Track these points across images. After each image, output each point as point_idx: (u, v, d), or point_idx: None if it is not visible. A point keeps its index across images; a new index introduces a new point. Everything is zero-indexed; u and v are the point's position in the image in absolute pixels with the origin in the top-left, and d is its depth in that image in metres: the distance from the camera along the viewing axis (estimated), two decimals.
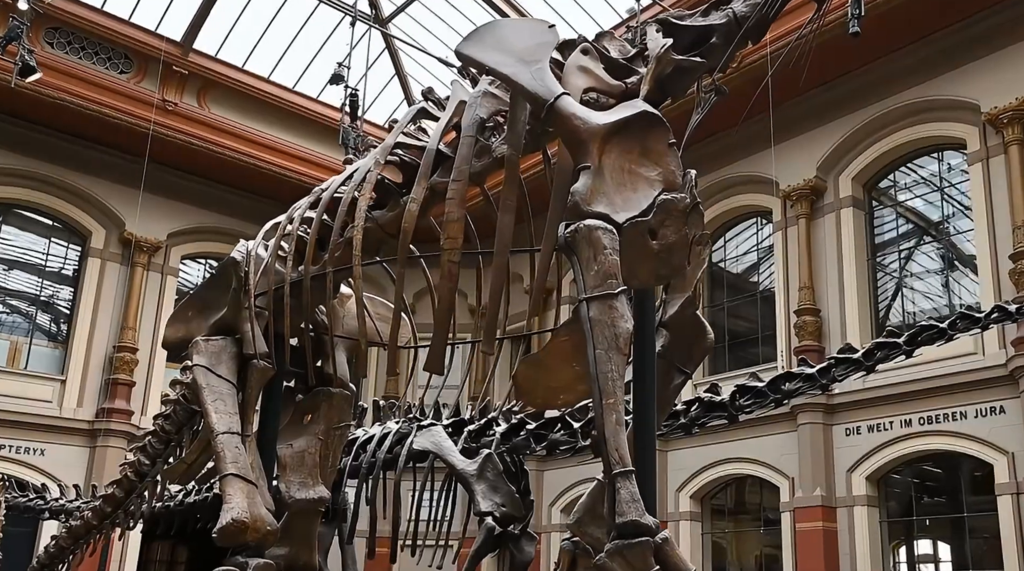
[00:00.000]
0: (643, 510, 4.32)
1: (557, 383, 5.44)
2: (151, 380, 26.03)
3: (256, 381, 6.73)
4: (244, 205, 27.12)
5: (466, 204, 5.64)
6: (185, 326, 7.21)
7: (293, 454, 7.04)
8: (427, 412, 10.63)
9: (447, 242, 5.48)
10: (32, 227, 26.08)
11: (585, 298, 4.65)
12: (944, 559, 20.19)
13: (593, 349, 4.55)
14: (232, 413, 6.44)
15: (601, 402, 4.47)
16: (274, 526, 6.09)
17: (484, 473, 9.24)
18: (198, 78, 26.03)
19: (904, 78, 20.08)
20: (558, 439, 9.85)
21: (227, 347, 6.81)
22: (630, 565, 4.25)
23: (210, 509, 12.40)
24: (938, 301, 20.21)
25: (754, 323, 23.32)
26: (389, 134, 6.37)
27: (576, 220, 4.75)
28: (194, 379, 6.58)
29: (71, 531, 11.21)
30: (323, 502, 7.07)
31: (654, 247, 4.94)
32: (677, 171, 5.07)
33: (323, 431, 7.22)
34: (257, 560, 6.00)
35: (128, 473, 9.57)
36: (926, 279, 20.64)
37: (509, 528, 9.14)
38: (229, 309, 6.92)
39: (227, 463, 6.11)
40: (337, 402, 7.31)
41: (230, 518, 5.84)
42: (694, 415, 9.26)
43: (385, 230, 6.46)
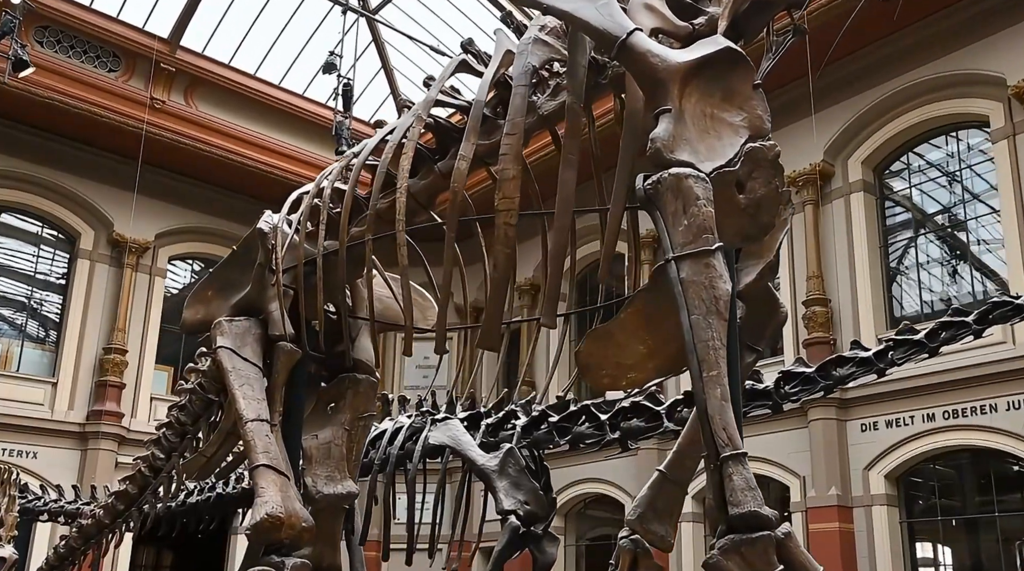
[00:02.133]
0: (761, 499, 3.73)
1: (628, 359, 4.90)
2: (141, 382, 25.76)
3: (283, 365, 6.17)
4: (232, 205, 26.70)
5: (522, 160, 5.07)
6: (205, 307, 6.63)
7: (319, 445, 6.50)
8: (440, 405, 10.17)
9: (502, 202, 4.91)
10: (21, 229, 25.68)
11: (674, 257, 4.10)
12: (970, 563, 19.43)
13: (688, 315, 3.98)
14: (260, 399, 5.88)
15: (701, 375, 3.89)
16: (309, 523, 5.51)
17: (506, 469, 8.73)
18: (185, 76, 25.63)
19: (919, 53, 19.35)
20: (583, 432, 9.34)
21: (252, 328, 6.26)
22: (749, 564, 3.67)
23: (213, 509, 11.85)
24: (958, 289, 19.57)
25: None
26: (431, 88, 5.77)
27: (657, 170, 4.21)
28: (219, 361, 6.01)
29: (82, 531, 10.60)
30: (351, 497, 6.54)
31: (741, 202, 4.42)
32: (764, 116, 4.56)
33: (349, 421, 6.68)
34: (294, 560, 5.42)
35: (142, 468, 8.95)
36: (943, 267, 19.99)
37: (532, 528, 8.63)
38: (253, 287, 6.35)
39: (258, 453, 5.54)
40: (364, 389, 6.78)
41: (264, 513, 5.27)
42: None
43: (416, 199, 5.90)
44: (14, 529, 12.88)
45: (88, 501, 13.83)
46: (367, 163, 6.12)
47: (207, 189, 27.00)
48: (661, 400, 9.00)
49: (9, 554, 12.07)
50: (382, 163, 5.72)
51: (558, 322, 5.41)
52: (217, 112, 26.04)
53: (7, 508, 12.98)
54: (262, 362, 6.15)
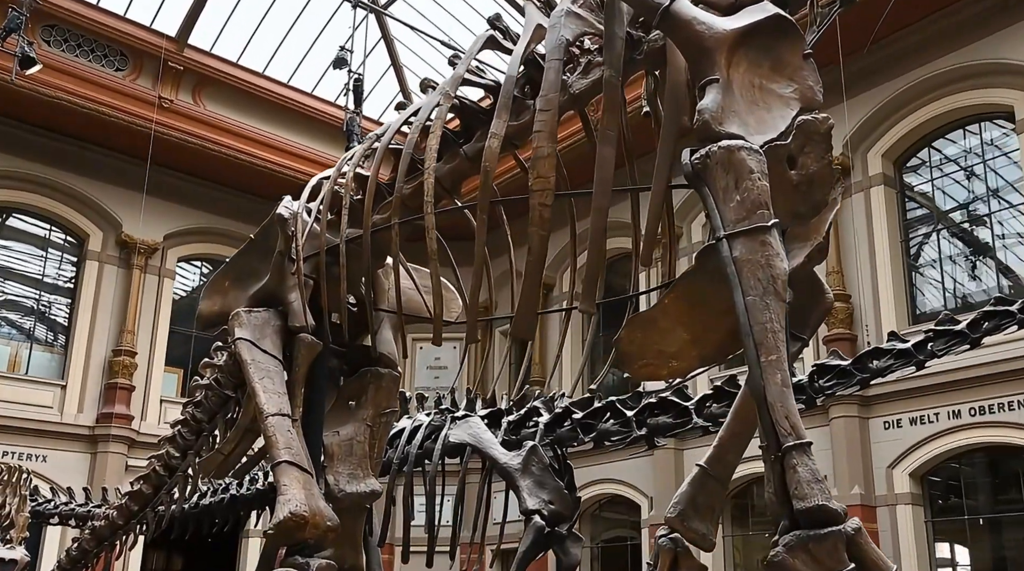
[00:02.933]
0: (829, 492, 3.45)
1: (670, 347, 4.66)
2: (150, 384, 25.51)
3: (304, 358, 5.91)
4: (240, 205, 26.47)
5: (557, 139, 4.81)
6: (222, 298, 6.37)
7: (340, 442, 6.23)
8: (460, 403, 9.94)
9: (537, 182, 4.65)
10: (29, 230, 25.45)
11: (726, 235, 3.84)
12: (997, 563, 18.86)
13: (743, 296, 3.72)
14: (281, 393, 5.61)
15: (759, 360, 3.63)
16: (335, 522, 5.24)
17: (529, 467, 8.53)
18: (193, 74, 25.37)
19: (940, 43, 18.98)
20: (608, 429, 9.11)
21: (271, 320, 5.99)
22: (818, 562, 3.40)
23: (227, 511, 11.60)
24: (979, 285, 19.22)
25: None
26: (458, 65, 5.50)
27: (705, 144, 3.95)
28: (238, 354, 5.74)
29: (95, 532, 10.31)
30: (375, 496, 6.26)
31: (793, 178, 4.19)
32: (816, 87, 4.33)
33: (371, 417, 6.42)
34: (319, 561, 5.15)
35: (156, 467, 8.66)
36: (964, 262, 19.62)
37: (557, 528, 8.40)
38: (272, 277, 6.08)
39: (280, 449, 5.27)
40: (386, 384, 6.52)
41: (288, 511, 4.99)
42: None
43: (440, 184, 5.63)
44: (25, 530, 12.60)
45: (99, 504, 13.59)
46: (390, 147, 5.85)
47: (215, 189, 26.73)
48: (689, 396, 8.75)
49: (21, 556, 11.78)
50: (408, 144, 5.46)
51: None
52: (225, 111, 25.77)
53: (18, 508, 12.72)
54: (281, 355, 5.88)
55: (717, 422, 8.45)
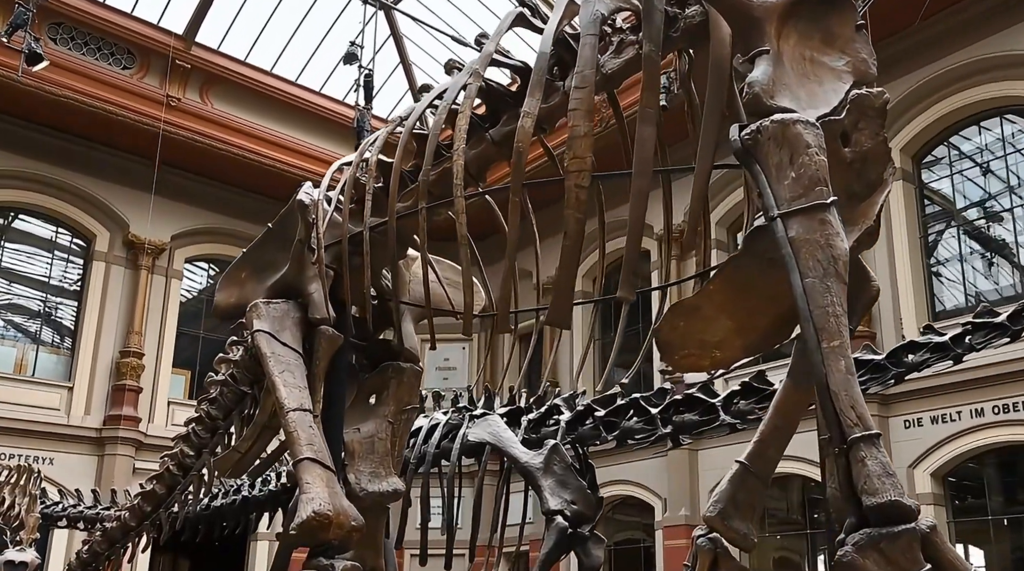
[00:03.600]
0: (901, 487, 3.19)
1: (713, 336, 4.43)
2: (158, 386, 25.32)
3: (325, 351, 5.68)
4: (248, 205, 26.27)
5: (593, 117, 4.56)
6: (239, 290, 6.13)
7: (361, 440, 5.99)
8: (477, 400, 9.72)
9: (573, 162, 4.42)
10: (36, 231, 25.28)
11: (780, 214, 3.59)
12: (1019, 564, 18.43)
13: (800, 278, 3.48)
14: (302, 387, 5.37)
15: (820, 346, 3.40)
16: (359, 522, 5.00)
17: (551, 466, 8.29)
18: (201, 73, 25.17)
19: (958, 35, 18.68)
20: (632, 427, 8.85)
21: (290, 311, 5.76)
22: (891, 563, 3.13)
23: (238, 513, 11.37)
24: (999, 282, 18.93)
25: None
26: (487, 43, 5.25)
27: (755, 119, 3.73)
28: (257, 346, 5.50)
29: (106, 534, 10.06)
30: (397, 496, 6.02)
31: (847, 155, 3.96)
32: (870, 60, 4.12)
33: (392, 413, 6.18)
34: (345, 562, 4.91)
35: (170, 466, 8.42)
36: (982, 259, 19.33)
37: (579, 529, 8.16)
38: (291, 267, 5.85)
39: (302, 445, 5.04)
40: (408, 379, 6.29)
41: (311, 510, 4.75)
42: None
43: (467, 170, 5.38)
44: (36, 531, 12.32)
45: (108, 506, 13.40)
46: (414, 132, 5.60)
47: (223, 189, 26.55)
48: (715, 392, 8.50)
49: (31, 559, 11.50)
50: (435, 124, 5.21)
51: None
52: (233, 110, 25.57)
53: (28, 508, 12.46)
54: (301, 348, 5.64)
55: (745, 419, 8.24)
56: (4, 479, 13.38)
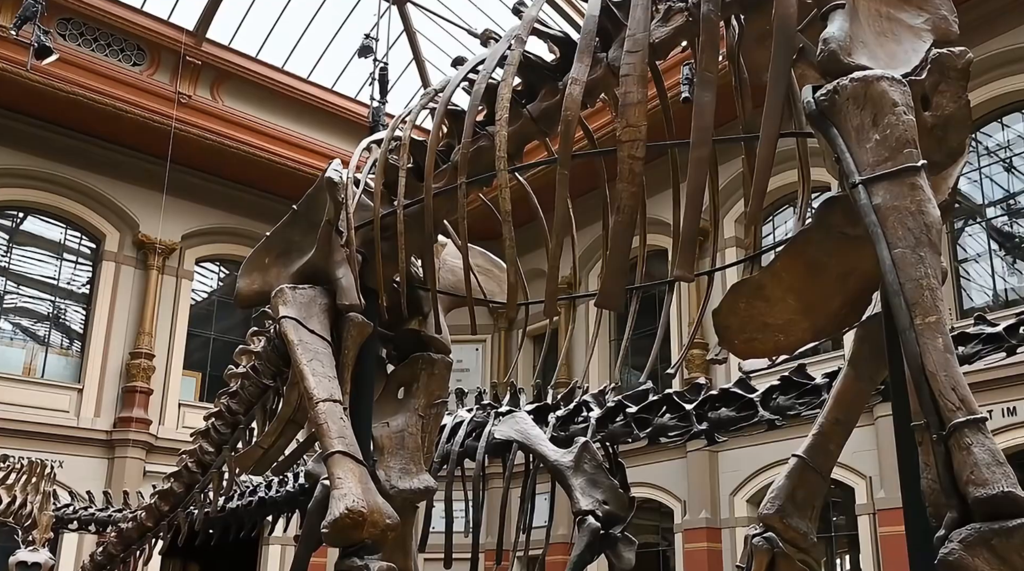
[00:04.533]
0: (1014, 477, 2.83)
1: (776, 318, 4.14)
2: (168, 388, 25.05)
3: (354, 340, 5.35)
4: (259, 204, 26.04)
5: (647, 83, 4.25)
6: (262, 276, 5.80)
7: (391, 434, 5.69)
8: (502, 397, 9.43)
9: (626, 132, 4.11)
10: (44, 231, 25.02)
11: (863, 180, 3.26)
12: None
13: (889, 250, 3.13)
14: (331, 377, 5.05)
15: (913, 322, 3.05)
16: (394, 520, 4.66)
17: (581, 465, 8.01)
18: (212, 69, 24.96)
19: (977, 31, 18.00)
20: (665, 424, 8.57)
21: (318, 298, 5.43)
22: (1006, 561, 2.77)
23: (254, 514, 11.07)
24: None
25: None
26: (531, 6, 4.92)
27: (831, 78, 3.41)
28: (283, 333, 5.17)
29: (122, 535, 9.69)
30: (429, 493, 5.70)
31: (927, 120, 3.63)
32: (951, 18, 3.80)
33: (423, 406, 5.87)
34: (380, 563, 4.57)
35: (188, 464, 8.06)
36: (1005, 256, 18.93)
37: (611, 530, 7.85)
38: (318, 250, 5.50)
39: (333, 438, 4.72)
40: (439, 371, 5.99)
41: (344, 508, 4.43)
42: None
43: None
44: (50, 531, 11.88)
45: (120, 508, 13.10)
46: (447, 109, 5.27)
47: (234, 188, 26.32)
48: (753, 387, 8.18)
49: (45, 560, 11.09)
50: (475, 94, 4.88)
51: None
52: (244, 107, 25.36)
53: (41, 507, 12.04)
54: (329, 336, 5.30)
55: (785, 415, 7.94)
56: (15, 476, 13.00)
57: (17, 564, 10.91)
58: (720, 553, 20.62)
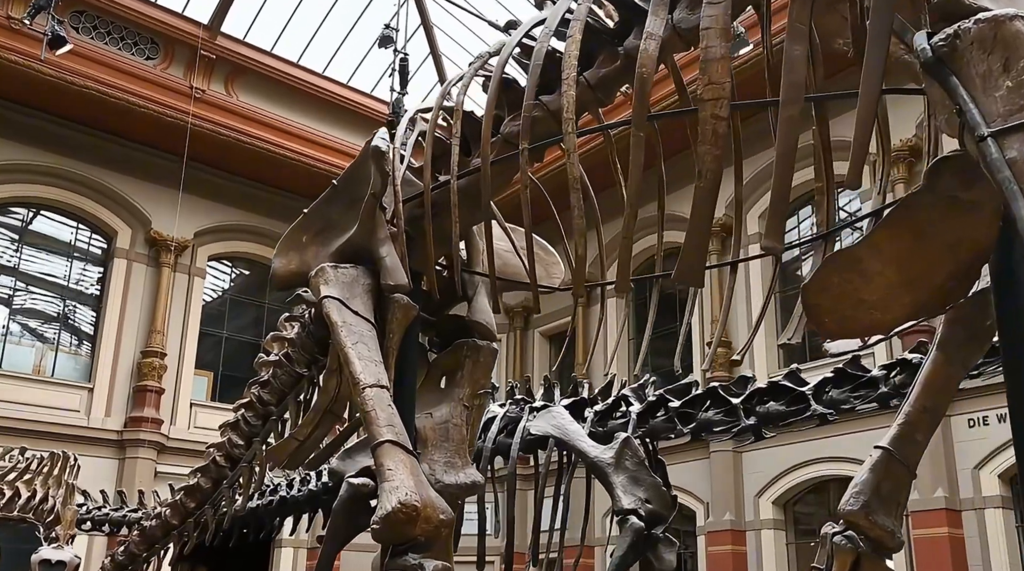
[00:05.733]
0: None
1: (873, 293, 3.74)
2: (180, 388, 24.70)
3: (399, 323, 4.96)
4: (273, 201, 25.88)
5: (730, 37, 3.87)
6: (299, 255, 5.37)
7: (435, 426, 5.29)
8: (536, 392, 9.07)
9: (709, 90, 3.72)
10: (55, 227, 24.65)
11: (993, 132, 2.86)
12: None
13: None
14: (378, 361, 4.65)
15: None
16: (448, 515, 4.27)
17: (622, 462, 7.63)
18: (226, 63, 24.66)
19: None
20: (710, 419, 8.17)
21: (360, 277, 5.03)
22: None
23: (275, 514, 10.70)
24: None
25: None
26: None
27: (947, 22, 3.04)
28: (326, 315, 4.77)
29: (144, 534, 9.23)
30: (475, 488, 5.30)
31: None
32: None
33: (467, 396, 5.47)
34: (434, 562, 4.19)
35: (216, 457, 7.62)
36: None
37: (654, 530, 7.49)
38: (361, 227, 5.09)
39: (381, 427, 4.32)
40: (484, 358, 5.60)
41: (396, 501, 4.03)
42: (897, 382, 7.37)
43: (558, 120, 4.68)
44: (74, 526, 11.35)
45: (135, 508, 12.74)
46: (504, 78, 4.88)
47: (247, 185, 26.03)
48: (804, 380, 7.78)
49: (70, 558, 10.60)
50: (536, 54, 4.49)
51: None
52: (259, 102, 25.07)
53: (64, 501, 11.57)
54: (374, 318, 4.92)
55: (839, 409, 7.53)
56: (35, 469, 12.55)
57: (40, 563, 10.39)
58: (745, 556, 20.21)
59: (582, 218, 4.15)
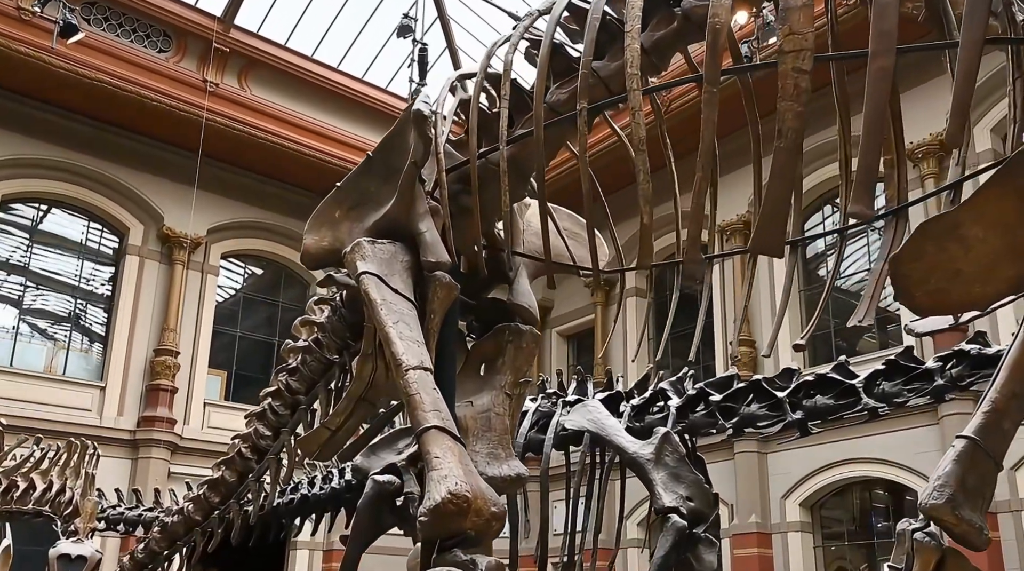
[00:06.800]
0: None
1: (973, 264, 3.41)
2: (193, 387, 24.36)
3: (441, 303, 4.63)
4: (287, 198, 25.62)
5: None
6: (332, 231, 5.01)
7: (476, 415, 4.97)
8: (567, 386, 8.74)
9: (790, 41, 3.43)
10: (67, 223, 24.32)
11: None
12: None
13: None
14: (420, 342, 4.30)
15: None
16: (500, 508, 3.89)
17: (662, 458, 7.22)
18: (239, 57, 24.33)
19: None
20: (754, 413, 7.82)
21: (399, 254, 4.68)
22: None
23: (296, 513, 10.35)
24: None
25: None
26: None
27: None
28: (365, 292, 4.41)
29: (166, 531, 8.77)
30: (520, 481, 4.95)
31: None
32: None
33: (510, 384, 5.12)
34: (487, 559, 3.82)
35: (242, 449, 7.20)
36: None
37: (696, 530, 7.12)
38: (400, 199, 4.74)
39: (427, 412, 3.96)
40: (527, 344, 5.24)
41: (446, 492, 3.65)
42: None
43: (609, 87, 4.35)
44: (95, 519, 10.84)
45: (151, 507, 12.40)
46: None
47: (261, 181, 25.73)
48: (854, 372, 7.43)
49: (91, 552, 10.11)
50: (594, 8, 4.15)
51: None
52: (272, 96, 24.75)
53: (83, 492, 11.13)
54: (413, 297, 4.56)
55: (891, 402, 7.17)
56: (50, 459, 12.12)
57: (59, 557, 9.89)
58: (771, 559, 19.80)
59: (648, 182, 3.80)
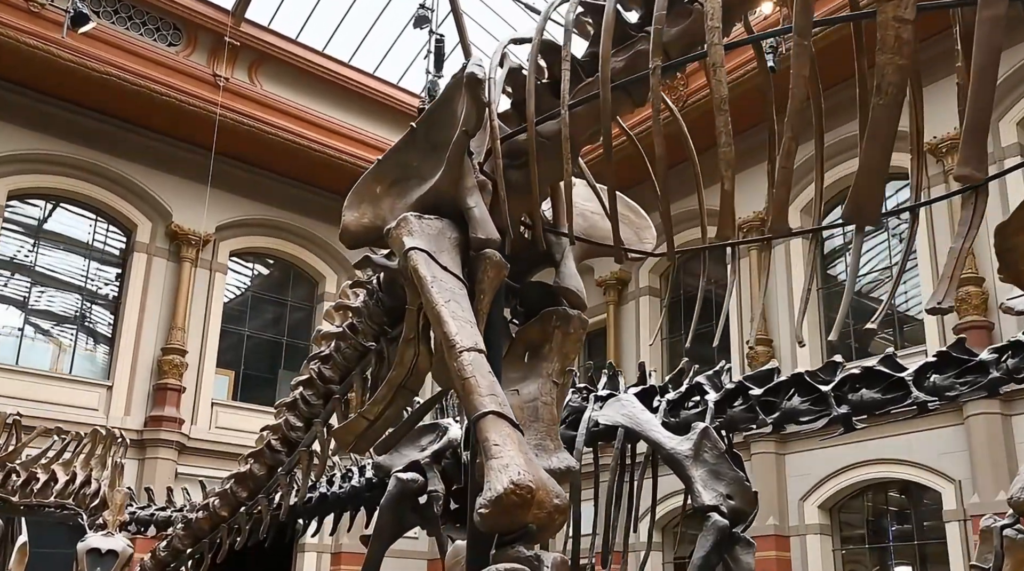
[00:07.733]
0: None
1: None
2: (201, 386, 24.06)
3: (490, 282, 4.33)
4: (296, 195, 25.53)
5: None
6: (372, 208, 4.70)
7: (523, 404, 4.66)
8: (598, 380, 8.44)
9: None
10: (74, 220, 24.01)
11: None
12: None
13: None
14: (472, 322, 4.01)
15: None
16: (563, 500, 3.56)
17: (701, 454, 7.02)
18: (250, 51, 24.05)
19: None
20: (796, 408, 7.54)
21: (446, 230, 4.39)
22: None
23: (315, 512, 10.05)
24: None
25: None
26: None
27: None
28: (414, 269, 4.09)
29: (190, 527, 8.33)
30: (570, 474, 4.61)
31: None
32: None
33: (557, 372, 4.80)
34: (553, 555, 3.51)
35: (272, 441, 6.81)
36: None
37: (736, 529, 6.87)
38: (447, 172, 4.44)
39: (483, 396, 3.66)
40: (575, 329, 4.91)
41: (509, 482, 3.33)
42: None
43: (667, 52, 4.05)
44: (124, 511, 10.37)
45: (163, 506, 12.07)
46: None
47: (270, 178, 25.49)
48: (902, 365, 7.11)
49: (122, 547, 9.70)
50: None
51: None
52: (283, 92, 24.46)
53: (113, 482, 10.70)
54: (463, 275, 4.26)
55: (943, 396, 6.85)
56: (74, 450, 11.73)
57: (88, 552, 9.48)
58: (789, 562, 19.43)
59: (730, 146, 3.49)
